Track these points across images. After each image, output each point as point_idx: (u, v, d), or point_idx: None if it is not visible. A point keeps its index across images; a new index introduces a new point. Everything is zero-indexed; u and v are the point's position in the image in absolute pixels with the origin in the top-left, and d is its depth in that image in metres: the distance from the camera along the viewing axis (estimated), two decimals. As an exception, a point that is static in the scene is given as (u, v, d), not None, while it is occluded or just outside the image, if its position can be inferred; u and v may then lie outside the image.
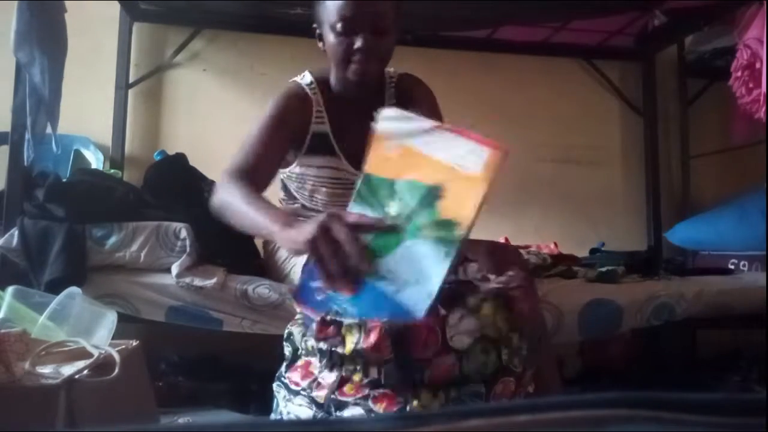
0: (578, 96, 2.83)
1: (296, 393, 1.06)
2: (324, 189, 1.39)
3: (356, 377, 0.98)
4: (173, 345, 2.04)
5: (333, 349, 0.99)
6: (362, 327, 0.98)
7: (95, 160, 2.28)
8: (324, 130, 1.36)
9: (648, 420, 0.28)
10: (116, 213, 1.65)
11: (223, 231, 1.78)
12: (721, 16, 2.37)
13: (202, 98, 2.51)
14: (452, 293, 1.00)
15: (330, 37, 1.27)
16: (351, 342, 0.99)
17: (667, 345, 2.48)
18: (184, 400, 1.83)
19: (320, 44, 1.36)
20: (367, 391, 0.98)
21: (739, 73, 2.08)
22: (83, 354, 1.05)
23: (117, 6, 2.33)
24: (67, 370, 0.98)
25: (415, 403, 0.97)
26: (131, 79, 2.39)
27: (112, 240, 1.60)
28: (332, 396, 1.00)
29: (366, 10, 1.23)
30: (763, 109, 1.98)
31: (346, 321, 1.00)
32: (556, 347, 1.59)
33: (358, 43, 1.23)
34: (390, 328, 0.97)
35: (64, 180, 1.75)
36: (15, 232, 1.58)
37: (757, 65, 2.01)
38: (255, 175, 1.20)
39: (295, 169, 1.40)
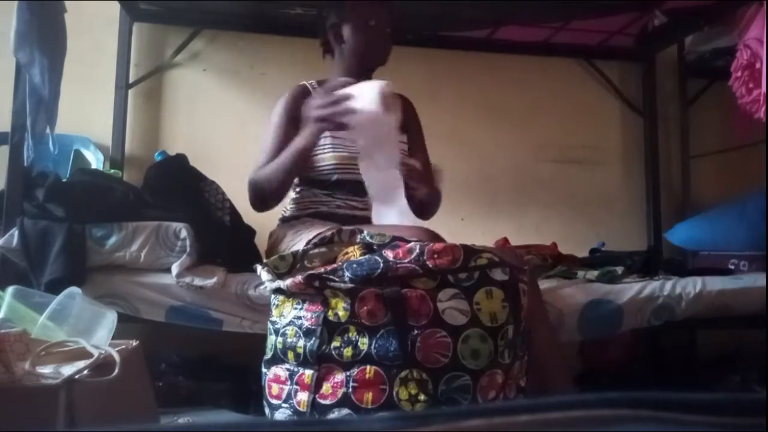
0: (578, 96, 2.82)
1: (277, 407, 1.06)
2: (330, 154, 1.60)
3: (347, 352, 0.99)
4: (173, 345, 2.04)
5: (328, 318, 1.02)
6: (353, 295, 1.01)
7: (95, 160, 2.28)
8: None
9: (648, 420, 0.28)
10: (116, 213, 1.65)
11: (223, 231, 1.79)
12: (721, 16, 2.37)
13: (202, 98, 2.51)
14: (444, 273, 1.02)
15: (356, 33, 1.64)
16: (342, 309, 1.00)
17: (667, 345, 2.48)
18: (184, 400, 1.83)
19: (334, 41, 1.69)
20: (344, 390, 0.98)
21: (739, 73, 2.08)
22: (83, 354, 1.05)
23: (117, 6, 2.33)
24: (67, 370, 0.98)
25: (399, 390, 0.96)
26: (131, 79, 2.39)
27: (112, 240, 1.60)
28: (313, 398, 1.01)
29: (385, 11, 1.65)
30: (763, 109, 1.98)
31: (336, 285, 1.01)
32: (561, 345, 1.58)
33: (382, 38, 1.65)
34: (384, 293, 0.99)
35: (64, 180, 1.75)
36: (15, 232, 1.58)
37: (757, 65, 2.01)
38: None
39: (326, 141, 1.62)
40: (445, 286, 1.02)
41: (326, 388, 1.00)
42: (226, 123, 2.50)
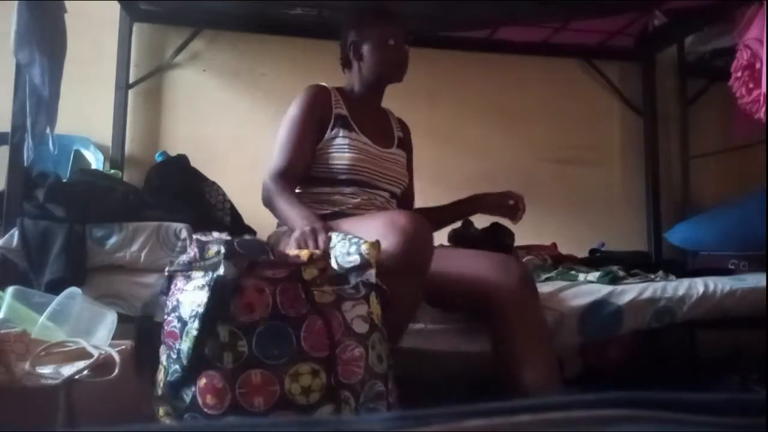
0: (578, 96, 2.82)
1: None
2: (347, 154, 1.58)
3: (227, 355, 0.91)
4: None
5: (198, 310, 0.93)
6: (219, 286, 0.92)
7: (95, 161, 2.28)
8: (343, 113, 1.64)
9: (648, 420, 0.28)
10: (116, 213, 1.65)
11: (222, 231, 1.78)
12: (721, 16, 2.37)
13: (202, 98, 2.51)
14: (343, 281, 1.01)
15: (375, 52, 1.65)
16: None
17: (667, 345, 2.48)
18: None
19: (353, 57, 1.69)
20: (231, 396, 0.91)
21: (739, 74, 2.08)
22: (83, 354, 1.05)
23: (117, 6, 2.33)
24: (67, 370, 0.99)
25: (291, 385, 0.91)
26: (131, 80, 2.39)
27: (113, 240, 1.60)
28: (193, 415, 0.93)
29: (402, 30, 1.69)
30: (763, 109, 1.98)
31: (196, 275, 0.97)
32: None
33: (401, 56, 1.68)
34: (267, 285, 0.94)
35: (64, 180, 1.75)
36: (15, 232, 1.58)
37: (757, 65, 2.00)
38: (294, 172, 1.54)
39: (322, 144, 1.61)
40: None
41: (209, 398, 0.93)
42: (226, 123, 2.50)
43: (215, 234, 1.06)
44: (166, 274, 1.03)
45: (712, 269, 2.14)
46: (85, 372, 0.99)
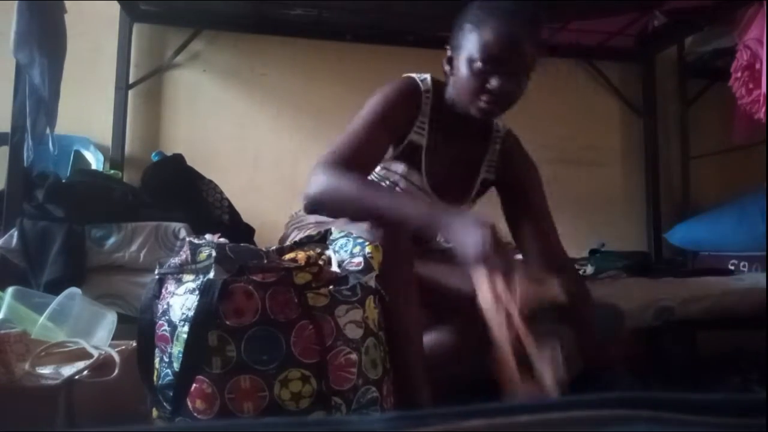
0: (578, 96, 2.82)
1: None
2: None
3: (216, 360, 0.88)
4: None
5: (188, 314, 0.91)
6: (209, 290, 0.90)
7: (95, 161, 2.28)
8: (420, 142, 1.31)
9: (648, 420, 0.28)
10: (115, 213, 1.65)
11: (222, 230, 1.78)
12: (721, 16, 2.37)
13: (202, 99, 2.51)
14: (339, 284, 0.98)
15: (464, 68, 1.23)
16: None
17: (667, 345, 2.48)
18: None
19: (447, 67, 1.32)
20: (220, 401, 0.89)
21: (738, 74, 2.08)
22: (83, 354, 1.05)
23: (117, 6, 2.33)
24: (67, 370, 0.99)
25: (280, 391, 0.89)
26: (131, 80, 2.39)
27: (112, 240, 1.60)
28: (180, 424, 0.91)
29: (510, 53, 1.21)
30: (763, 109, 1.98)
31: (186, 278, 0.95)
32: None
33: (493, 84, 1.22)
34: (255, 287, 0.91)
35: (64, 181, 1.75)
36: (14, 232, 1.58)
37: (757, 66, 2.01)
38: (357, 168, 1.15)
39: (378, 170, 1.34)
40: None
41: (199, 402, 0.91)
42: (226, 123, 2.50)
43: (208, 236, 1.05)
44: (156, 276, 1.02)
45: (712, 269, 2.15)
46: (85, 372, 0.99)
